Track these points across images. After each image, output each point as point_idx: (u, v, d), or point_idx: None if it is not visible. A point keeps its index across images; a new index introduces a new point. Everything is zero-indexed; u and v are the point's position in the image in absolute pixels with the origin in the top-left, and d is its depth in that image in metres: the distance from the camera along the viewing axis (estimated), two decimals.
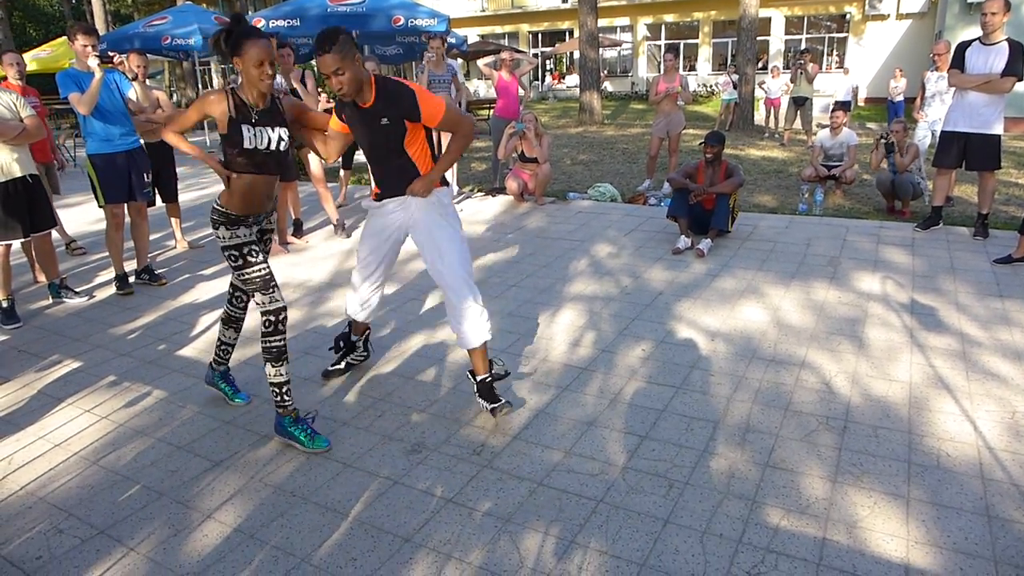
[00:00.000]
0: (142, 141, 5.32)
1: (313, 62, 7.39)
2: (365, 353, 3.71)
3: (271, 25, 10.73)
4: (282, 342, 2.90)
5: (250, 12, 24.80)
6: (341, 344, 3.63)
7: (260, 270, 2.90)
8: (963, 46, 5.57)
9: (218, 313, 4.65)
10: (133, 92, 5.12)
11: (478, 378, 3.14)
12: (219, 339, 3.32)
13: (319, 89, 7.18)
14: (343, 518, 2.50)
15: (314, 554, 2.32)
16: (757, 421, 3.06)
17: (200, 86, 18.67)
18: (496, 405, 3.09)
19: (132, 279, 5.31)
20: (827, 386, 3.35)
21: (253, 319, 4.43)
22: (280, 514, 2.53)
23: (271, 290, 2.89)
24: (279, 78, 5.82)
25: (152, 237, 6.09)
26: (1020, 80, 5.35)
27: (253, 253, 2.91)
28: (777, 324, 4.13)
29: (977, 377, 3.40)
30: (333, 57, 2.71)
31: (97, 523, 2.52)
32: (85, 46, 4.65)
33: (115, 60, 4.97)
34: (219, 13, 17.40)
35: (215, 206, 2.93)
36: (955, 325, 4.03)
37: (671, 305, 4.49)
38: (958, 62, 5.54)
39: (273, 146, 2.87)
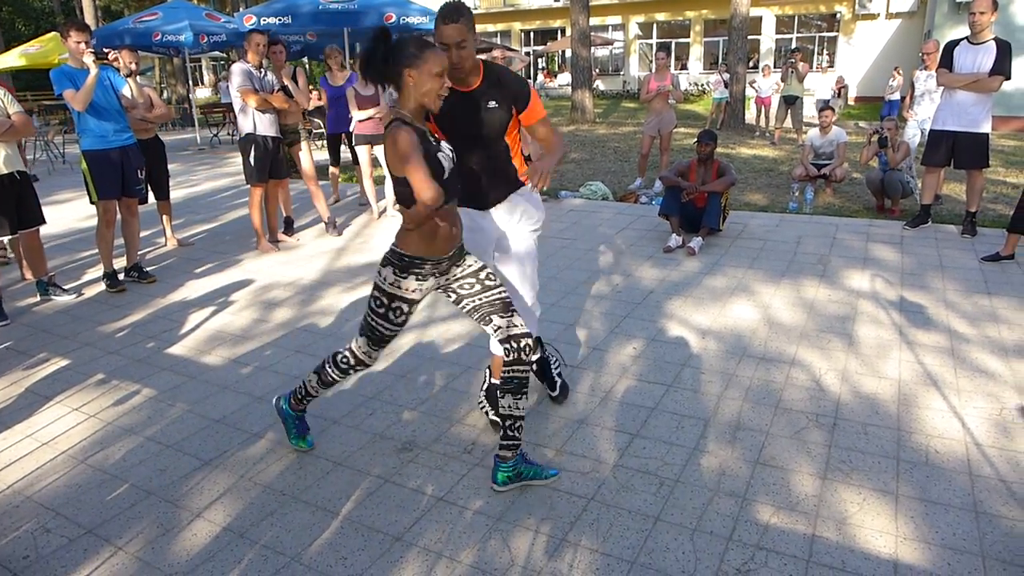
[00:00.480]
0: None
1: (304, 59, 7.37)
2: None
3: (263, 22, 10.71)
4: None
5: (241, 8, 24.69)
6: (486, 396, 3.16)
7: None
8: (951, 45, 5.61)
9: (209, 310, 4.63)
10: (127, 88, 5.10)
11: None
12: (308, 383, 2.80)
13: (310, 87, 7.17)
14: (333, 517, 2.49)
15: (304, 553, 2.31)
16: (747, 419, 3.07)
17: (191, 83, 18.57)
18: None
19: (121, 276, 5.27)
20: (817, 384, 3.37)
21: (245, 316, 4.42)
22: (270, 513, 2.52)
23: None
24: (270, 75, 5.80)
25: (142, 234, 6.05)
26: (1008, 79, 5.39)
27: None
28: (767, 322, 4.14)
29: (965, 374, 3.42)
30: (460, 28, 2.44)
31: (85, 522, 2.50)
32: (79, 43, 4.63)
33: (109, 57, 4.95)
34: (210, 9, 17.31)
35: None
36: (944, 322, 4.05)
37: (662, 303, 4.50)
38: (946, 61, 5.58)
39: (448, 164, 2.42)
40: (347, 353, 2.65)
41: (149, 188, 5.84)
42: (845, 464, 2.71)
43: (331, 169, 8.09)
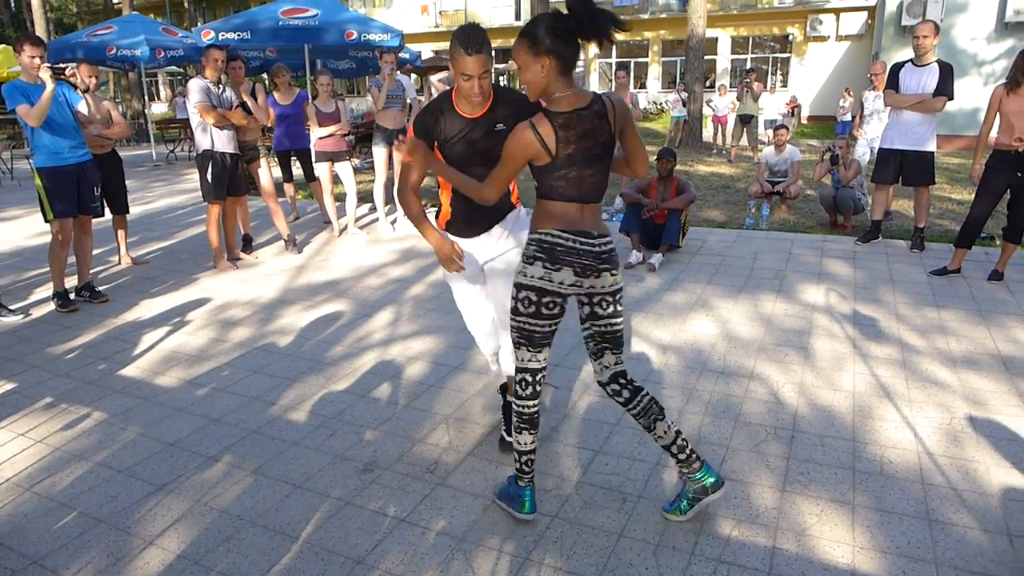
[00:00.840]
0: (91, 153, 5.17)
1: (264, 75, 7.30)
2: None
3: (221, 37, 10.57)
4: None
5: (199, 23, 24.39)
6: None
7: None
8: (897, 67, 5.81)
9: (164, 330, 4.52)
10: (83, 104, 5.00)
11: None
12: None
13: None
14: (293, 541, 2.44)
15: None
16: (708, 432, 3.11)
17: (146, 98, 18.24)
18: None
19: (72, 296, 5.13)
20: (775, 397, 3.42)
21: (240, 335, 4.33)
22: (227, 539, 2.46)
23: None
24: (229, 91, 5.73)
25: (95, 252, 5.90)
26: (951, 99, 5.61)
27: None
28: (726, 336, 4.20)
29: (917, 385, 3.51)
30: (484, 59, 2.37)
31: (30, 553, 2.41)
32: (33, 57, 4.54)
33: (66, 72, 4.85)
34: (167, 24, 17.06)
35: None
36: (895, 335, 4.16)
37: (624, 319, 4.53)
38: (893, 83, 5.78)
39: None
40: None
41: (105, 203, 5.73)
42: (803, 476, 2.76)
43: (286, 187, 7.99)
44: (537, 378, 2.41)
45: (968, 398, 3.36)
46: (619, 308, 2.38)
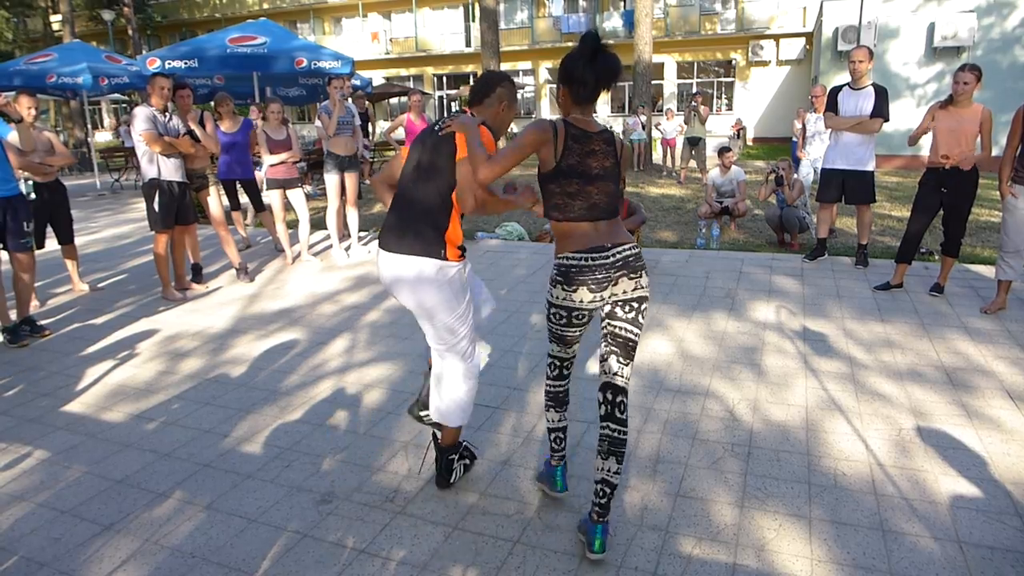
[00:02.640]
0: (25, 186, 5.00)
1: (212, 103, 7.21)
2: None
3: (167, 66, 10.41)
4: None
5: (144, 51, 24.01)
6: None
7: None
8: (835, 91, 6.04)
9: (110, 363, 4.38)
10: (13, 135, 4.82)
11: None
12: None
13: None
14: None
15: None
16: (667, 451, 3.13)
17: (90, 126, 17.80)
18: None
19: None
20: (731, 414, 3.47)
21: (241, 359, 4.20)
22: None
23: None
24: (175, 119, 5.64)
25: (44, 282, 5.70)
26: (887, 121, 5.85)
27: None
28: (682, 355, 4.26)
29: (866, 398, 3.61)
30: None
31: None
32: None
33: (0, 101, 4.67)
34: (110, 52, 16.73)
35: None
36: (843, 350, 4.27)
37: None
38: (832, 105, 6.00)
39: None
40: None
41: (54, 233, 5.64)
42: (761, 491, 2.79)
43: (234, 215, 7.86)
44: (564, 363, 2.62)
45: (914, 409, 3.47)
46: (639, 318, 2.45)
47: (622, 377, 2.44)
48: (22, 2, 29.78)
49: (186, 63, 10.63)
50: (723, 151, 8.14)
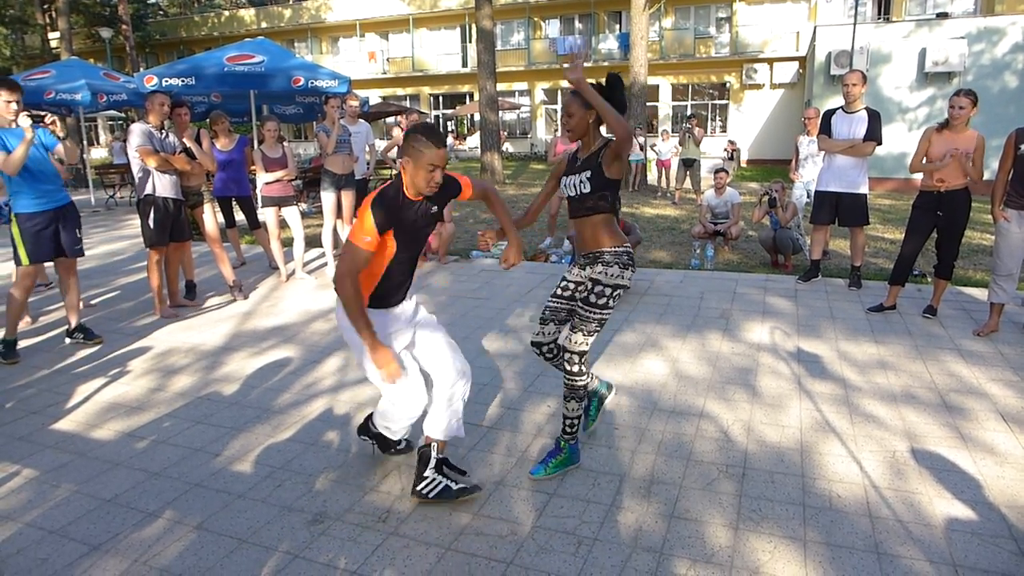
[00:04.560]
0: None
1: (208, 120, 7.23)
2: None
3: (165, 83, 10.44)
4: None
5: (142, 68, 24.09)
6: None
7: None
8: (828, 114, 6.10)
9: (101, 380, 4.35)
10: (60, 148, 4.95)
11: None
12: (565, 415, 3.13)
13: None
14: None
15: None
16: (661, 472, 3.12)
17: (86, 142, 17.78)
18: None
19: (67, 340, 5.11)
20: (725, 435, 3.46)
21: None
22: None
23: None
24: (172, 136, 5.65)
25: (36, 299, 5.67)
26: (880, 144, 5.90)
27: None
28: (676, 376, 4.26)
29: (860, 419, 3.61)
30: (444, 153, 2.70)
31: None
32: (9, 102, 4.53)
33: (47, 120, 4.76)
34: (108, 69, 16.78)
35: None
36: (837, 371, 4.27)
37: None
38: (825, 128, 6.06)
39: (572, 191, 3.04)
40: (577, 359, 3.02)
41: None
42: (755, 513, 2.78)
43: (229, 232, 7.86)
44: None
45: (908, 431, 3.47)
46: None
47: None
48: (20, 19, 29.96)
49: (183, 81, 10.67)
50: (718, 171, 8.19)
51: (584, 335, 2.98)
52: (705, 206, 8.14)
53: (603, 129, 3.01)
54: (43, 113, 4.89)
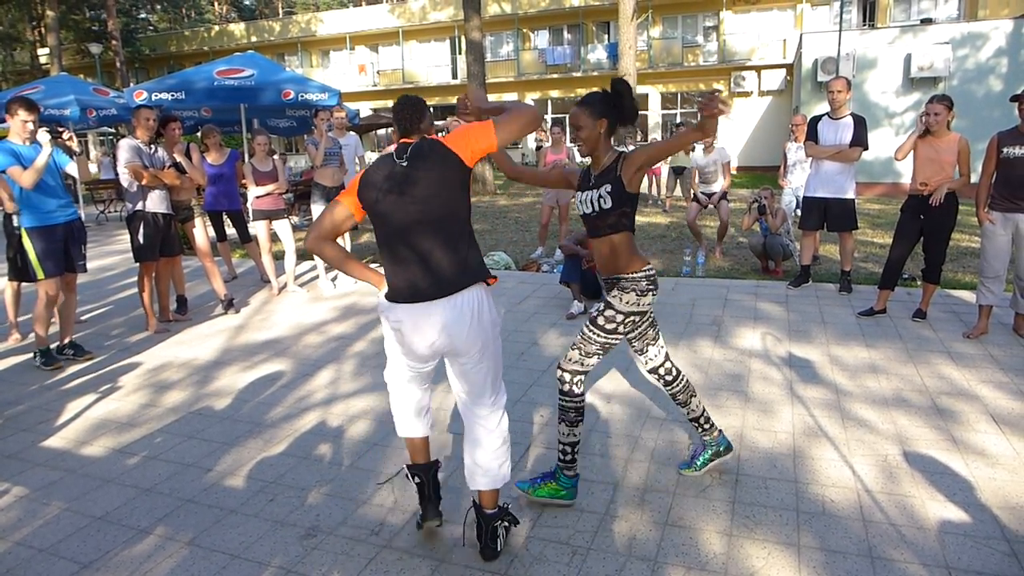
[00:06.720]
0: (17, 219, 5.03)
1: (198, 134, 7.23)
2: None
3: (154, 98, 10.43)
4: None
5: (132, 83, 24.09)
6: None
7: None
8: (815, 120, 6.15)
9: (91, 397, 4.32)
10: (72, 167, 5.05)
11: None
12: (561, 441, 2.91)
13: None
14: None
15: None
16: (654, 480, 3.12)
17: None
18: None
19: (56, 356, 5.08)
20: None
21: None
22: None
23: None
24: (161, 151, 5.65)
25: (25, 317, 5.64)
26: (866, 149, 5.95)
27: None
28: None
29: (852, 423, 3.62)
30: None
31: None
32: (26, 122, 4.64)
33: (64, 136, 4.97)
34: (98, 84, 16.76)
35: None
36: (829, 376, 4.29)
37: None
38: (812, 135, 6.10)
39: (589, 208, 2.87)
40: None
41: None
42: (749, 519, 2.78)
43: (220, 246, 7.84)
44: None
45: (900, 435, 3.48)
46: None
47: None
48: (9, 35, 29.94)
49: (173, 95, 10.66)
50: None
51: (580, 355, 2.82)
52: (693, 166, 8.30)
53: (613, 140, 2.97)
54: (61, 128, 4.90)
